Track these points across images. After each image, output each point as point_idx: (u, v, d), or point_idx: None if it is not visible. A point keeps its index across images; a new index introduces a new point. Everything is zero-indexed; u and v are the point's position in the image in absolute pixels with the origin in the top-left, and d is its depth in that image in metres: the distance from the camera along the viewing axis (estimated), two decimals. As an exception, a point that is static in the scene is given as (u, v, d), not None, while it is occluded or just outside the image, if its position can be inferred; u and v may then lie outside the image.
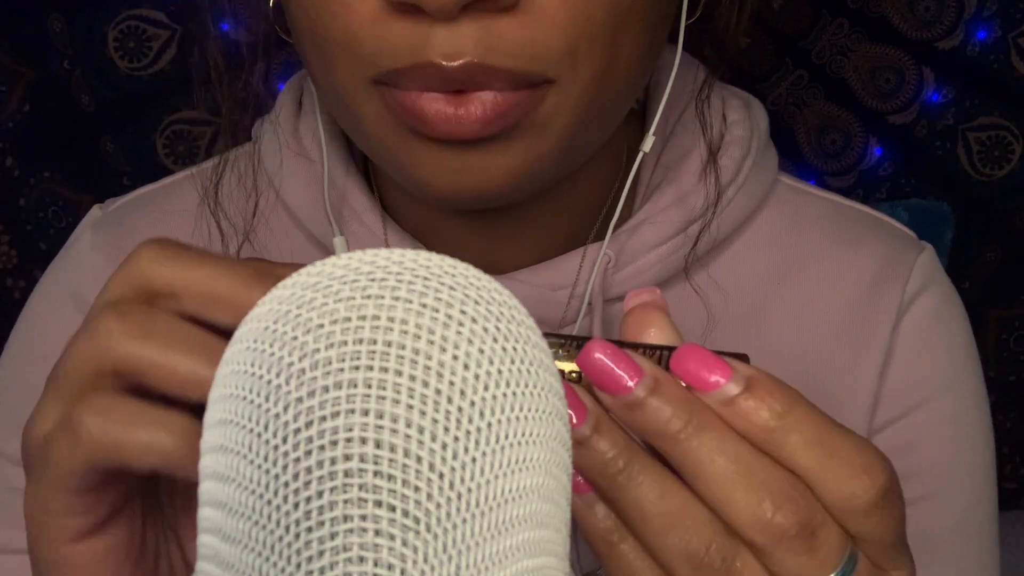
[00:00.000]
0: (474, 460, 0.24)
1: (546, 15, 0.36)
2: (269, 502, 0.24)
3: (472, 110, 0.36)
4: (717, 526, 0.29)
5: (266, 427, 0.24)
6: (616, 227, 0.48)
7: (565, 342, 0.31)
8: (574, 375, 0.31)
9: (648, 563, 0.30)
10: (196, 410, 0.33)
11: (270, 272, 0.30)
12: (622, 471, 0.29)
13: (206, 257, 0.30)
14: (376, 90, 0.38)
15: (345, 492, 0.23)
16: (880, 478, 0.29)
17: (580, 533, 0.31)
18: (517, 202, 0.42)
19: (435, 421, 0.24)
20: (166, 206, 0.53)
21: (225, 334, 0.31)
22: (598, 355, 0.30)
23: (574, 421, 0.29)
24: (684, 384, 0.30)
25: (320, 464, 0.23)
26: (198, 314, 0.30)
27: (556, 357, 0.31)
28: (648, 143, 0.46)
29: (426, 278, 0.26)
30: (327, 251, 0.49)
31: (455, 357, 0.24)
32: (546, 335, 0.31)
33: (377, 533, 0.23)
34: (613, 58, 0.38)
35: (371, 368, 0.24)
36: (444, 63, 0.36)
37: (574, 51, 0.37)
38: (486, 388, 0.24)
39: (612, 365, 0.29)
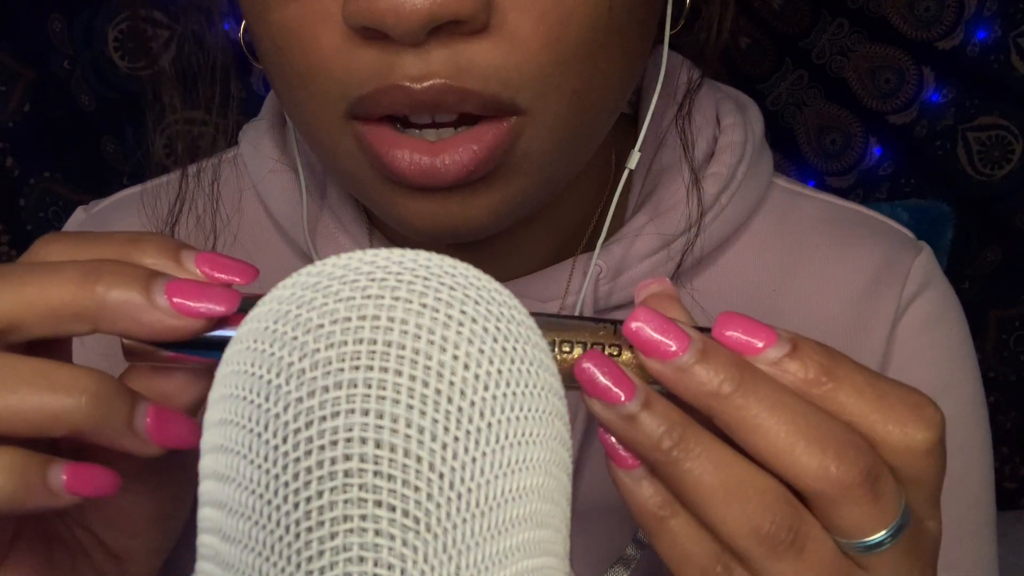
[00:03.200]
0: (474, 460, 0.24)
1: (518, 38, 0.35)
2: (269, 502, 0.24)
3: (448, 163, 0.36)
4: (780, 494, 0.29)
5: (266, 427, 0.24)
6: (607, 237, 0.47)
7: (600, 323, 0.31)
8: (614, 353, 0.31)
9: (700, 538, 0.30)
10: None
11: (101, 266, 0.30)
12: (677, 444, 0.29)
13: (33, 271, 0.30)
14: (349, 126, 0.37)
15: (345, 492, 0.23)
16: (936, 418, 0.30)
17: (628, 511, 0.31)
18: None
19: (435, 421, 0.24)
20: (150, 216, 0.52)
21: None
22: (644, 323, 0.30)
23: (622, 399, 0.29)
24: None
25: (320, 464, 0.23)
26: (53, 334, 0.30)
27: (595, 338, 0.31)
28: (633, 160, 0.45)
29: (426, 278, 0.26)
30: (310, 263, 0.49)
31: (455, 357, 0.24)
32: (581, 318, 0.32)
33: (377, 533, 0.23)
34: (589, 81, 0.37)
35: (371, 368, 0.24)
36: (411, 85, 0.34)
37: (546, 77, 0.36)
38: (486, 388, 0.24)
39: (660, 332, 0.29)
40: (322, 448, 0.23)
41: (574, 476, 0.49)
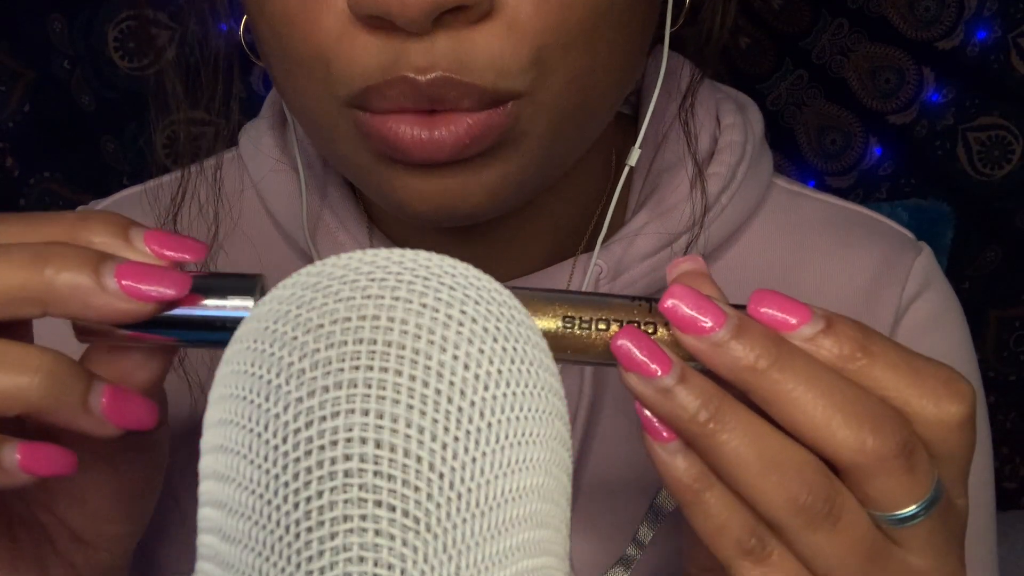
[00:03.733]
0: (474, 460, 0.24)
1: (519, 22, 0.35)
2: (269, 502, 0.24)
3: (446, 135, 0.35)
4: (816, 466, 0.29)
5: (266, 427, 0.24)
6: (608, 237, 0.47)
7: (635, 301, 0.32)
8: (649, 330, 0.31)
9: (734, 511, 0.30)
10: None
11: (50, 249, 0.30)
12: (714, 417, 0.29)
13: None
14: (348, 113, 0.37)
15: (345, 492, 0.23)
16: (968, 393, 0.30)
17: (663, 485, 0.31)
18: (502, 215, 0.41)
19: (435, 421, 0.24)
20: (151, 207, 0.52)
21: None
22: (680, 300, 0.30)
23: (659, 373, 0.29)
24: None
25: (320, 464, 0.23)
26: (2, 318, 0.30)
27: (631, 315, 0.31)
28: (634, 157, 0.45)
29: (426, 278, 0.26)
30: (310, 262, 0.48)
31: (455, 357, 0.24)
32: (616, 296, 0.32)
33: (377, 533, 0.23)
34: (590, 65, 0.37)
35: (371, 368, 0.24)
36: (416, 77, 0.35)
37: (543, 59, 0.36)
38: (486, 388, 0.24)
39: (695, 308, 0.30)
40: (322, 448, 0.23)
41: (576, 470, 0.49)
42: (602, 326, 0.31)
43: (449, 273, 0.26)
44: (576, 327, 0.31)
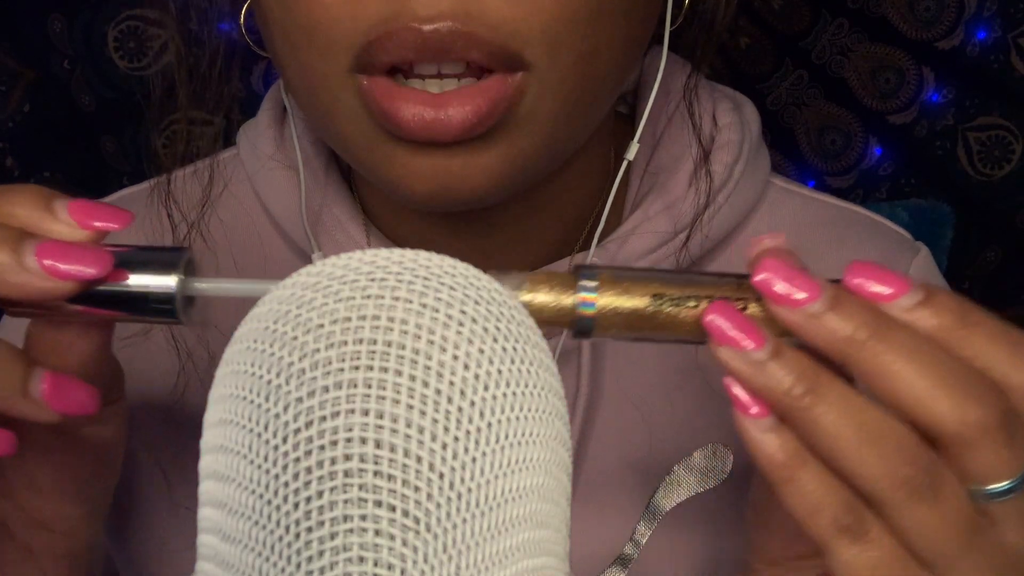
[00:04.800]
0: (474, 460, 0.24)
1: None
2: (269, 502, 0.24)
3: (452, 115, 0.35)
4: (915, 439, 0.29)
5: (266, 427, 0.24)
6: (605, 236, 0.47)
7: (724, 278, 0.32)
8: (740, 305, 0.31)
9: (831, 488, 0.30)
10: None
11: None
12: (811, 390, 0.29)
13: None
14: (351, 80, 0.37)
15: (345, 492, 0.23)
16: None
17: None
18: (500, 203, 0.41)
19: (435, 421, 0.24)
20: (149, 208, 0.52)
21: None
22: (773, 273, 0.30)
23: (752, 347, 0.29)
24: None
25: (320, 464, 0.23)
26: None
27: (721, 292, 0.31)
28: (632, 151, 0.45)
29: (426, 278, 0.26)
30: (308, 260, 0.49)
31: (455, 357, 0.24)
32: (704, 274, 0.32)
33: (377, 533, 0.23)
34: (594, 47, 0.37)
35: (371, 368, 0.24)
36: (419, 26, 0.35)
37: (553, 33, 0.36)
38: (486, 388, 0.25)
39: (789, 281, 0.30)
40: (322, 448, 0.23)
41: (572, 468, 0.49)
42: (692, 303, 0.31)
43: (449, 273, 0.26)
44: (666, 305, 0.31)
